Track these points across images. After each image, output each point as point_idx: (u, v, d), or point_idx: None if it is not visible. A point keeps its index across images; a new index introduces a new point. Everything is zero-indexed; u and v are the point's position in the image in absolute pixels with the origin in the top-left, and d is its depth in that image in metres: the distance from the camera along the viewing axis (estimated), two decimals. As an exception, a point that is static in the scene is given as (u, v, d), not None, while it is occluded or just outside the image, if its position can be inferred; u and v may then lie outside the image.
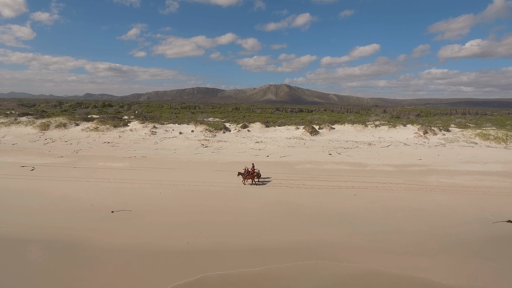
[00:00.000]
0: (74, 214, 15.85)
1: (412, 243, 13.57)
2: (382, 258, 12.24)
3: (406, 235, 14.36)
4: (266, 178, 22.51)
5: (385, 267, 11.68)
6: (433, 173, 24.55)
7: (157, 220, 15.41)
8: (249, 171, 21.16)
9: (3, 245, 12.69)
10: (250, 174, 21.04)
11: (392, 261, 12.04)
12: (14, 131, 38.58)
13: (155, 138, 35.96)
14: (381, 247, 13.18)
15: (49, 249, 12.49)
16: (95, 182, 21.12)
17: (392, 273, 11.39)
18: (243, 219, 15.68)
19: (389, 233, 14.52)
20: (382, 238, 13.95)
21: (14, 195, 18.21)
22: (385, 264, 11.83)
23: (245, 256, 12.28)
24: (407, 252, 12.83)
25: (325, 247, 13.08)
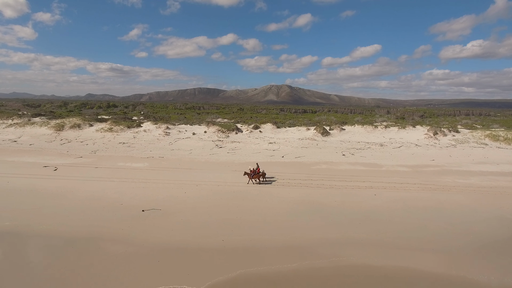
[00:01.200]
0: (107, 213, 16.34)
1: (436, 240, 14.02)
2: (413, 255, 12.70)
3: (430, 233, 14.81)
4: (271, 177, 23.00)
5: (419, 264, 12.13)
6: (448, 174, 25.01)
7: (188, 219, 15.89)
8: (254, 171, 21.71)
9: (49, 243, 13.19)
10: (256, 174, 21.61)
11: (423, 259, 12.48)
12: (29, 132, 39.14)
13: (169, 139, 36.49)
14: (408, 244, 13.64)
15: (94, 246, 12.98)
16: (119, 182, 21.62)
17: (431, 272, 11.82)
18: (272, 218, 16.15)
19: (413, 231, 14.98)
20: (407, 236, 14.41)
21: (44, 195, 18.71)
22: (418, 262, 12.28)
23: (280, 253, 12.75)
24: (434, 249, 13.27)
25: (355, 244, 13.54)
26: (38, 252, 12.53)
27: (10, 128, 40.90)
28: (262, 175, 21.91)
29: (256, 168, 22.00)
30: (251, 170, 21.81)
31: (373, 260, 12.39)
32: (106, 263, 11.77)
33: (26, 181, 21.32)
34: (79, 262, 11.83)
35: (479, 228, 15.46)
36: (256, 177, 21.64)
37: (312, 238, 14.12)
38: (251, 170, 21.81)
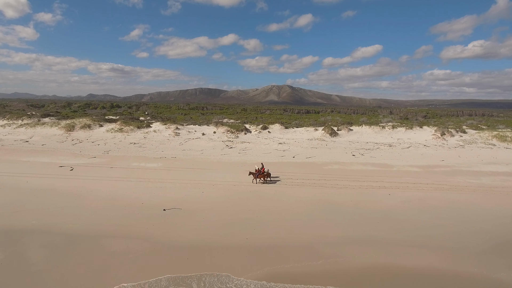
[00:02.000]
0: (129, 212, 16.68)
1: (455, 239, 14.29)
2: (434, 254, 12.98)
3: (448, 231, 15.09)
4: (275, 177, 23.36)
5: (441, 263, 12.42)
6: (459, 174, 25.30)
7: (209, 218, 16.20)
8: (259, 170, 22.07)
9: (79, 241, 13.52)
10: (261, 173, 21.98)
11: (445, 257, 12.75)
12: (40, 132, 39.51)
13: (179, 139, 36.84)
14: (429, 242, 13.91)
15: (122, 244, 13.31)
16: (136, 181, 21.96)
17: (453, 270, 12.11)
18: (291, 217, 16.47)
19: (431, 229, 15.26)
20: (426, 234, 14.69)
21: (64, 195, 19.04)
22: (440, 260, 12.57)
23: (305, 252, 13.05)
24: (454, 248, 13.53)
25: (377, 243, 13.82)
26: (71, 250, 12.85)
27: (21, 128, 41.30)
28: (267, 175, 22.26)
29: (261, 168, 22.36)
30: (256, 170, 22.19)
31: (397, 259, 12.67)
32: (136, 261, 12.09)
33: (44, 181, 21.69)
34: (110, 259, 12.16)
35: (494, 227, 15.75)
36: (261, 177, 22.01)
37: (334, 236, 14.43)
38: (256, 170, 22.19)
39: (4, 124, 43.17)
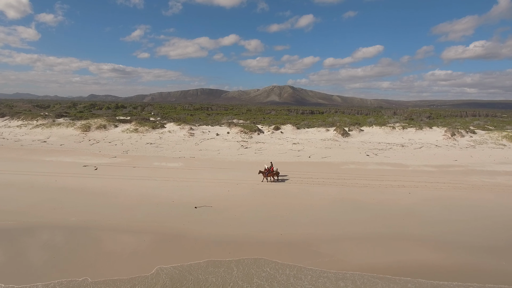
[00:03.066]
0: (162, 209, 17.30)
1: (483, 236, 14.86)
2: (466, 251, 13.53)
3: (473, 228, 15.67)
4: (284, 175, 24.08)
5: (477, 260, 13.01)
6: (474, 174, 25.89)
7: (240, 215, 16.82)
8: (268, 169, 22.74)
9: (124, 237, 14.16)
10: (270, 172, 22.64)
11: (479, 254, 13.33)
12: (57, 132, 40.19)
13: (194, 140, 37.50)
14: (458, 240, 14.42)
15: (164, 241, 13.94)
16: (161, 181, 22.58)
17: (492, 268, 12.71)
18: (319, 213, 17.08)
19: (457, 227, 15.84)
20: (453, 231, 15.26)
21: (95, 193, 19.66)
22: (474, 257, 13.16)
23: (340, 247, 13.67)
24: (484, 245, 14.03)
25: (408, 240, 14.38)
26: (118, 242, 13.49)
27: (37, 128, 41.98)
28: (276, 174, 22.90)
29: (270, 167, 23.00)
30: (265, 169, 22.83)
31: (426, 252, 13.26)
32: (176, 252, 12.74)
33: (72, 180, 22.32)
34: (150, 249, 12.79)
35: (512, 222, 16.34)
36: (270, 175, 22.67)
37: (362, 232, 15.02)
38: (265, 169, 22.83)
39: (20, 124, 43.87)
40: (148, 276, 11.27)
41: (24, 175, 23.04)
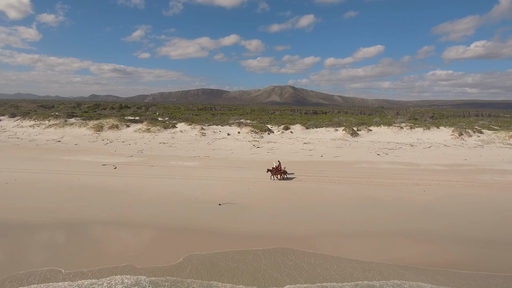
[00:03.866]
0: (187, 206, 17.89)
1: (499, 230, 15.42)
2: (492, 246, 14.08)
3: (488, 224, 16.22)
4: (291, 173, 24.76)
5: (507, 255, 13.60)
6: (484, 172, 26.46)
7: (263, 211, 17.41)
8: (276, 168, 23.37)
9: (149, 231, 14.78)
10: (278, 171, 23.28)
11: (494, 245, 13.94)
12: (70, 132, 40.83)
13: (206, 139, 38.13)
14: (481, 235, 14.88)
15: (193, 235, 14.55)
16: (181, 179, 23.19)
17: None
18: (338, 210, 17.67)
19: (473, 221, 16.43)
20: (470, 226, 15.84)
21: (119, 191, 20.25)
22: (497, 248, 13.75)
23: (363, 240, 14.26)
24: (500, 239, 14.66)
25: (426, 234, 14.98)
26: (151, 238, 14.11)
27: (50, 128, 42.62)
28: (284, 172, 23.54)
29: (278, 166, 23.60)
30: (273, 167, 23.44)
31: (452, 248, 13.76)
32: (206, 244, 13.37)
33: (94, 178, 22.93)
34: (182, 241, 13.40)
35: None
36: (278, 174, 23.31)
37: (382, 227, 15.58)
38: (273, 167, 23.44)
39: (32, 124, 44.52)
40: (182, 262, 11.99)
41: (47, 174, 23.66)
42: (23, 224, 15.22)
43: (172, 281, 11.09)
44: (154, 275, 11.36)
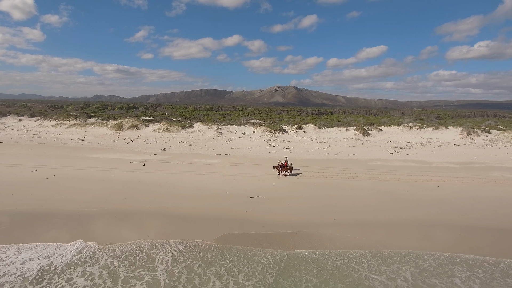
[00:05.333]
0: (220, 199, 19.37)
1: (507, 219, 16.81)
2: (495, 232, 15.50)
3: (501, 216, 17.55)
4: (297, 169, 26.26)
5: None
6: (494, 170, 27.74)
7: (293, 205, 18.83)
8: (283, 164, 24.81)
9: (194, 220, 16.30)
10: (284, 167, 24.75)
11: (507, 234, 15.31)
12: (92, 132, 42.50)
13: (223, 138, 39.66)
14: (487, 223, 16.36)
15: (233, 223, 16.04)
16: (208, 175, 24.67)
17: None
18: (361, 203, 19.06)
19: (486, 213, 17.73)
20: (483, 217, 17.14)
21: (155, 185, 21.75)
22: (505, 236, 15.12)
23: (388, 229, 15.68)
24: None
25: (445, 225, 16.35)
26: (197, 224, 15.62)
27: (72, 128, 44.33)
28: (290, 169, 24.97)
29: (284, 162, 25.06)
30: (279, 164, 24.89)
31: (470, 236, 15.17)
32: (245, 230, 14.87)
33: (127, 174, 24.47)
34: (236, 229, 14.91)
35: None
36: (284, 170, 24.78)
37: (404, 218, 16.97)
38: (279, 164, 24.89)
39: (54, 124, 46.27)
40: (221, 237, 13.45)
41: (81, 170, 25.24)
42: (77, 214, 16.76)
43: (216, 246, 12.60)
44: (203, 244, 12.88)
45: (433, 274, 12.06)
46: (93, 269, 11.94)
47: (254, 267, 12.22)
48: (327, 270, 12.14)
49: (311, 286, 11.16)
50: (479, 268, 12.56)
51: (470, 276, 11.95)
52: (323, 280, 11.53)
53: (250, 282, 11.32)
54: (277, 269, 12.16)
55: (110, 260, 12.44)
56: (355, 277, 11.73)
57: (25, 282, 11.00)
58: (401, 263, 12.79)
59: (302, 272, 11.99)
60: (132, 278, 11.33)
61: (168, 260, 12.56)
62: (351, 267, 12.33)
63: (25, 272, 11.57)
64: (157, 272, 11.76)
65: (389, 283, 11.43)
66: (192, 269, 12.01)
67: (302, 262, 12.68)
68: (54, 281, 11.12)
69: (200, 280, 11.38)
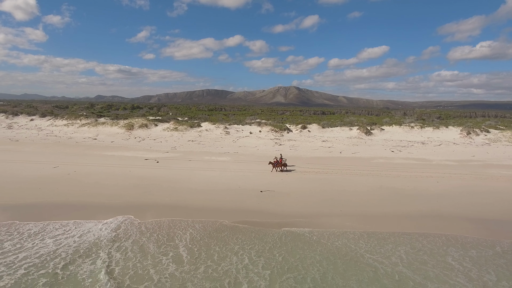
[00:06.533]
0: (233, 193, 20.78)
1: (506, 214, 18.10)
2: (489, 224, 16.85)
3: (497, 209, 18.84)
4: (291, 165, 27.65)
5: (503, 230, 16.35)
6: (491, 167, 29.06)
7: (300, 198, 20.23)
8: (278, 160, 26.22)
9: (208, 212, 17.75)
10: (279, 163, 26.19)
11: (500, 226, 16.66)
12: (103, 131, 44.06)
13: (231, 137, 41.11)
14: (482, 215, 17.69)
15: (247, 215, 17.48)
16: (220, 171, 26.10)
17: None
18: (364, 197, 20.43)
19: (483, 207, 19.02)
20: (480, 210, 18.45)
21: (170, 180, 23.16)
22: (496, 228, 16.49)
23: (390, 220, 17.06)
24: (508, 219, 17.37)
25: (444, 217, 17.70)
26: (214, 217, 17.07)
27: (84, 127, 45.92)
28: (284, 165, 26.46)
29: (279, 158, 26.53)
30: (274, 160, 26.31)
31: (469, 227, 16.46)
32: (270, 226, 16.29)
33: (143, 170, 25.92)
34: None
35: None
36: (279, 166, 26.23)
37: (406, 211, 18.34)
38: (274, 160, 26.31)
39: (67, 123, 47.87)
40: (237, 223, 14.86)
41: (99, 167, 26.71)
42: (104, 205, 18.21)
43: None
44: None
45: (426, 253, 13.47)
46: (127, 243, 13.53)
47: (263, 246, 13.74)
48: (329, 250, 13.66)
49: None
50: (474, 249, 13.95)
51: (463, 255, 13.34)
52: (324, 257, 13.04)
53: (261, 259, 12.76)
54: (284, 248, 13.66)
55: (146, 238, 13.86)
56: (352, 255, 13.18)
57: (71, 253, 12.45)
58: (396, 244, 14.19)
59: (306, 251, 13.54)
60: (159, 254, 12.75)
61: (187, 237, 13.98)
62: (349, 247, 13.74)
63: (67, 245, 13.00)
64: (179, 249, 13.16)
65: (385, 261, 12.80)
66: (209, 247, 13.51)
67: (306, 243, 14.11)
68: (95, 255, 12.55)
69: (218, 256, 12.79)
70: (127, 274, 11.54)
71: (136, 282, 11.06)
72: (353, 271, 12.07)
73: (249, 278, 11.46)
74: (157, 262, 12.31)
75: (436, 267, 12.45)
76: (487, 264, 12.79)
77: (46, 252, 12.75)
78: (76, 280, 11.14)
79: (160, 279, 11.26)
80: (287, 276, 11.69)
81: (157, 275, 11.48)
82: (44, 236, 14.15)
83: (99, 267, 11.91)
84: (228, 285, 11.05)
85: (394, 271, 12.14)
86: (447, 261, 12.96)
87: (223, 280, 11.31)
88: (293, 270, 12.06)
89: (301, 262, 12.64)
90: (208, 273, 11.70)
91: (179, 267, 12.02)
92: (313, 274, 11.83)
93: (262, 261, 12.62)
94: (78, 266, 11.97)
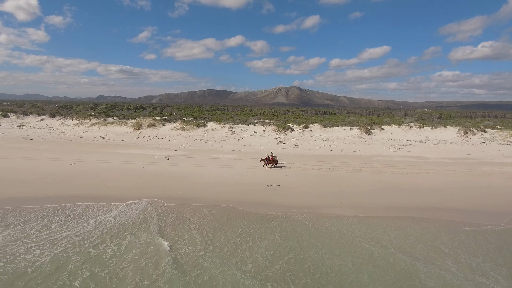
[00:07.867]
0: (242, 187, 22.36)
1: (494, 206, 19.60)
2: (482, 214, 18.39)
3: (486, 202, 20.33)
4: (281, 162, 29.25)
5: (491, 221, 17.91)
6: (485, 164, 30.55)
7: (304, 191, 21.80)
8: (269, 157, 27.81)
9: (222, 205, 19.34)
10: (270, 160, 27.83)
11: (491, 215, 18.20)
12: (113, 130, 45.76)
13: (236, 136, 42.72)
14: (474, 207, 19.24)
15: (256, 207, 19.07)
16: (228, 168, 27.69)
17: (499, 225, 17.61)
18: (364, 191, 21.97)
19: (473, 200, 20.54)
20: (471, 203, 19.99)
21: (182, 176, 24.75)
22: (488, 218, 18.04)
23: (388, 211, 18.63)
24: (494, 211, 18.87)
25: (437, 208, 19.21)
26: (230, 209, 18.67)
27: (94, 127, 47.64)
28: (275, 162, 28.11)
29: (270, 156, 28.16)
30: (266, 157, 28.04)
31: (458, 216, 17.99)
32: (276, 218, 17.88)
33: (155, 167, 27.51)
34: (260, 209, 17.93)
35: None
36: (270, 163, 27.88)
37: (401, 202, 19.89)
38: (266, 157, 28.04)
39: (77, 123, 49.61)
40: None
41: (113, 163, 28.34)
42: (124, 198, 19.82)
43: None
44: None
45: (416, 237, 15.05)
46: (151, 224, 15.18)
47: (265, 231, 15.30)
48: (326, 234, 15.27)
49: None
50: (456, 230, 15.55)
51: (453, 239, 14.92)
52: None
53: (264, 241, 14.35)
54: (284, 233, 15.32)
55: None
56: (349, 239, 14.77)
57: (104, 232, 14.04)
58: (388, 228, 15.77)
59: (304, 235, 15.19)
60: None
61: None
62: (345, 233, 15.32)
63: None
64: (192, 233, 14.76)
65: (376, 243, 14.38)
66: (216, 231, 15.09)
67: (306, 229, 15.69)
68: (124, 234, 14.14)
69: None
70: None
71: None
72: (349, 253, 13.69)
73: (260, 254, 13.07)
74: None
75: (425, 247, 14.04)
76: (462, 243, 14.55)
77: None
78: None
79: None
80: (288, 257, 13.28)
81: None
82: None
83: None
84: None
85: (387, 252, 13.74)
86: (435, 244, 14.57)
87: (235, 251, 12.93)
88: (293, 251, 13.68)
89: (299, 244, 14.27)
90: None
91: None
92: (311, 255, 13.43)
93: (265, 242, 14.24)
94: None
